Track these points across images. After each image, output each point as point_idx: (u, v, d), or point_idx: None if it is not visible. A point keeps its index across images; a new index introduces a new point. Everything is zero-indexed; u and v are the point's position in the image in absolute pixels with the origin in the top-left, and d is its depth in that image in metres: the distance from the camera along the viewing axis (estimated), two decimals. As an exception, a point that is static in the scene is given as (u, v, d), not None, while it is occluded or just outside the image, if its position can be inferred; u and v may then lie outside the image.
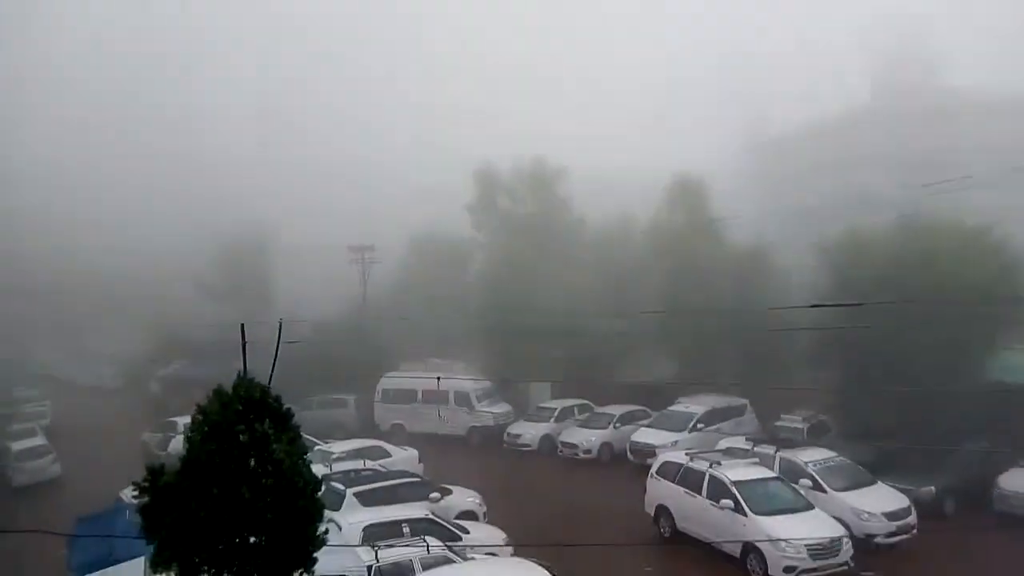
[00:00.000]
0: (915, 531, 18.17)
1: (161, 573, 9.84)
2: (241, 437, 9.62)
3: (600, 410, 29.78)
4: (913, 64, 48.10)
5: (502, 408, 32.38)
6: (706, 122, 51.19)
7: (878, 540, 17.81)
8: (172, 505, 9.40)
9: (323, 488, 11.54)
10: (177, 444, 18.27)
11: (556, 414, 30.49)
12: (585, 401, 30.94)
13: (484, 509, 20.02)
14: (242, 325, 12.19)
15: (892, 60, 49.21)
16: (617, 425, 28.49)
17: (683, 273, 28.33)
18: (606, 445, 28.01)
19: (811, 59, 47.98)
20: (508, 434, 30.56)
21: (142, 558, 11.95)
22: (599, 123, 53.60)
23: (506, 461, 28.74)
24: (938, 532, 18.05)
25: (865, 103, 48.83)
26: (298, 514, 9.87)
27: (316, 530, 10.28)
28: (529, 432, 30.07)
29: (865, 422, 22.51)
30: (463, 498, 20.06)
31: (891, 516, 18.17)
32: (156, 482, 9.61)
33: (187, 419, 10.65)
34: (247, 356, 12.13)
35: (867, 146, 44.29)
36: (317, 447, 23.31)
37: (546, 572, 13.12)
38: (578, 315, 29.29)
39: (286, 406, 10.13)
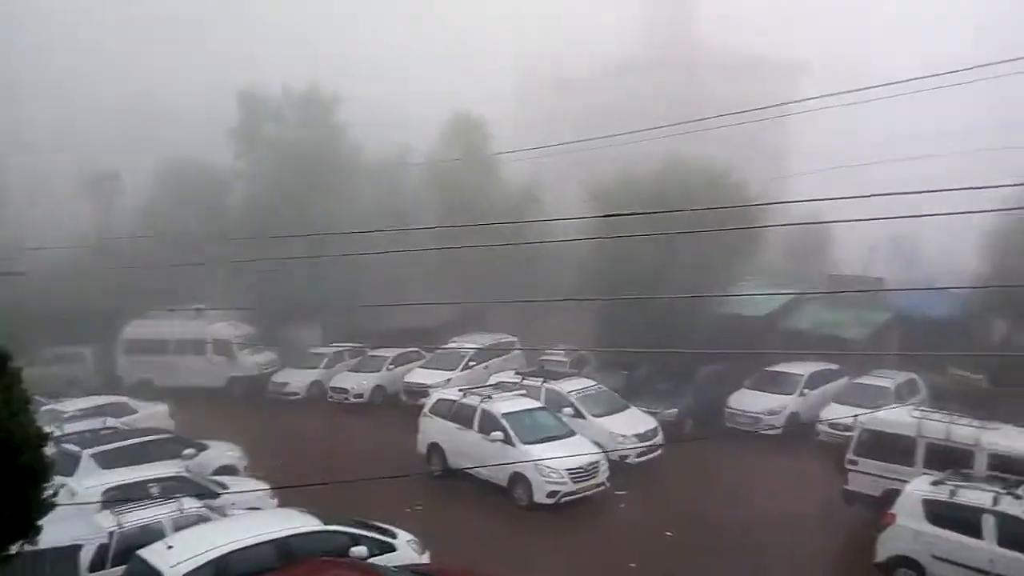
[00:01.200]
0: (661, 449, 19.95)
1: None
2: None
3: (373, 353, 29.15)
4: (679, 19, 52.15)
5: (266, 356, 30.59)
6: (491, 61, 51.11)
7: (630, 460, 19.30)
8: None
9: (52, 451, 9.92)
10: None
11: (326, 360, 29.40)
12: (358, 344, 30.10)
13: (245, 462, 18.76)
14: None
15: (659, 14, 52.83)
16: (390, 367, 28.11)
17: (459, 208, 28.19)
18: (379, 388, 27.55)
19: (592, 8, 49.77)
20: (273, 383, 28.99)
21: None
22: (385, 55, 51.00)
23: (271, 412, 27.26)
24: (679, 448, 19.98)
25: (637, 52, 51.95)
26: (18, 474, 8.31)
27: (41, 492, 8.79)
28: (296, 380, 28.72)
29: (620, 352, 24.08)
30: (221, 452, 18.63)
31: (641, 437, 19.75)
32: None
33: None
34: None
35: (637, 92, 47.11)
36: (44, 407, 20.27)
37: (312, 517, 12.50)
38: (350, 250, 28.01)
39: (-1, 346, 8.41)
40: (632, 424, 20.15)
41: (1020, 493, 12.63)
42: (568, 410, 20.04)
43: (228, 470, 17.91)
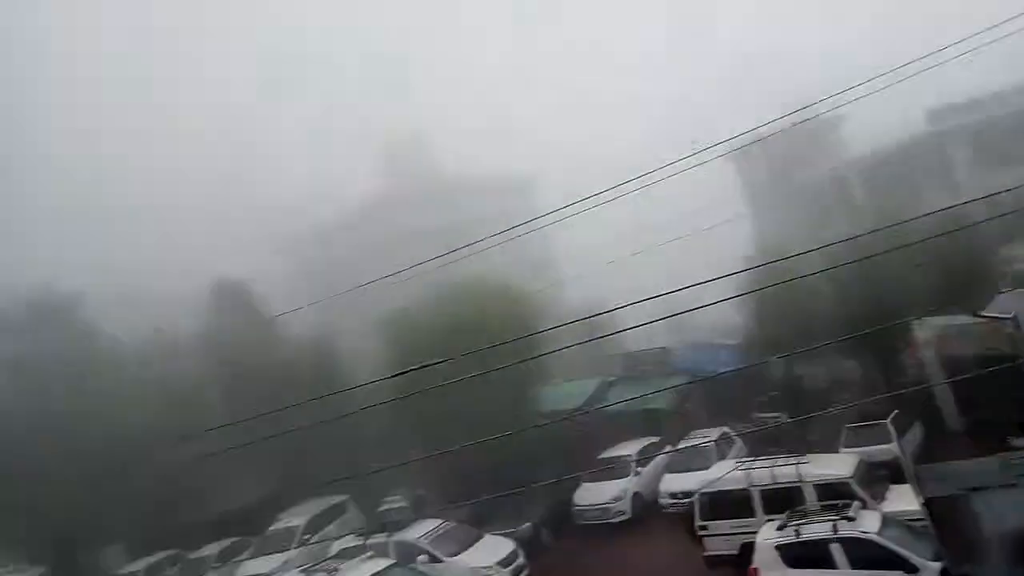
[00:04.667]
0: (527, 568, 19.55)
1: None
2: None
3: (195, 555, 25.81)
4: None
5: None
6: (238, 224, 49.44)
7: (501, 589, 18.68)
8: None
9: None
10: None
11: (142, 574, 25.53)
12: (175, 551, 26.28)
13: None
14: None
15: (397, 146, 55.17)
16: (216, 565, 25.05)
17: (248, 378, 26.51)
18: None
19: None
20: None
21: None
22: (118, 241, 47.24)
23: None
24: (544, 560, 19.73)
25: (383, 186, 53.46)
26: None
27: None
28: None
29: (457, 481, 23.52)
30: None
31: (504, 563, 19.25)
32: None
33: None
34: None
35: (401, 225, 48.04)
36: None
37: None
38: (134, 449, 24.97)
39: None
40: (491, 553, 19.61)
41: (851, 515, 13.90)
42: (423, 558, 19.17)
43: None
